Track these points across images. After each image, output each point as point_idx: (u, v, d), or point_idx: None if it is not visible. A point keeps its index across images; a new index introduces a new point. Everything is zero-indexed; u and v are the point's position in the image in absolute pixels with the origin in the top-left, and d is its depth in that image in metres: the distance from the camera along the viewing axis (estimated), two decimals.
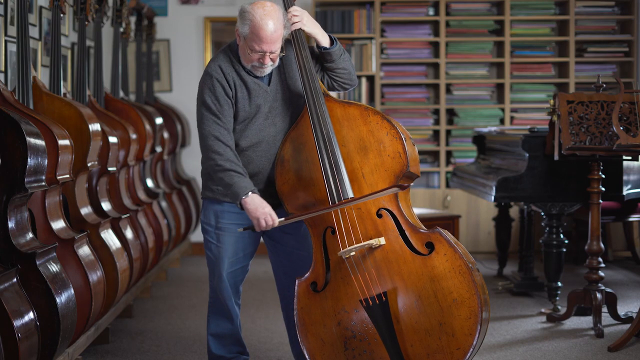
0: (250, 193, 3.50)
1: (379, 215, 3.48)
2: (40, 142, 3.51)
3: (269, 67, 3.58)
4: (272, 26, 3.46)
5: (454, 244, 3.39)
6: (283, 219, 3.51)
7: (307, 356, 3.55)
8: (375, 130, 3.52)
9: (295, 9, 3.64)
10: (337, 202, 3.48)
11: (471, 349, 3.31)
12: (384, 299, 3.42)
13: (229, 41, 3.72)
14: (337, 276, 3.52)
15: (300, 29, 3.63)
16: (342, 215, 3.50)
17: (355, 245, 3.45)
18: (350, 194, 3.49)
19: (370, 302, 3.43)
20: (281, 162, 3.64)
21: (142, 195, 5.53)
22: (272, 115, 3.65)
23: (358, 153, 3.53)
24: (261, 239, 3.82)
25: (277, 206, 3.65)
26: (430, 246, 3.41)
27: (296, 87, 3.68)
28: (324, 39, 3.67)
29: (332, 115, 3.58)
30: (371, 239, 3.46)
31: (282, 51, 3.59)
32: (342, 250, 3.47)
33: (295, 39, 3.63)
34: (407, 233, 3.46)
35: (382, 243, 3.45)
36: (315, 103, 3.55)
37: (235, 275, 3.75)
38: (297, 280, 3.59)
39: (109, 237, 4.36)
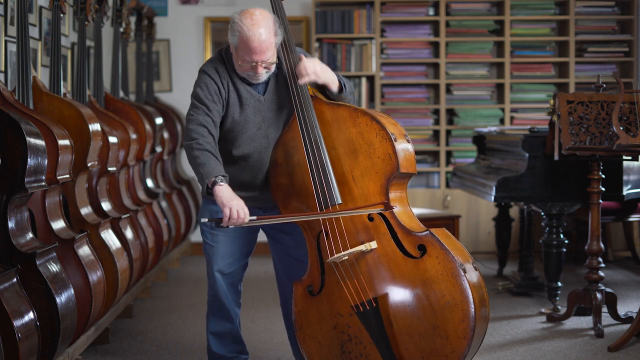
0: (225, 181, 3.38)
1: (371, 219, 3.44)
2: (40, 142, 3.51)
3: (264, 75, 3.53)
4: (261, 36, 3.39)
5: (445, 247, 3.33)
6: (255, 217, 3.41)
7: (305, 359, 3.55)
8: (365, 131, 3.46)
9: (305, 63, 3.51)
10: (324, 209, 3.45)
11: (465, 352, 3.29)
12: (374, 304, 3.39)
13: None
14: (332, 279, 3.50)
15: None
16: (332, 219, 3.46)
17: (345, 252, 3.41)
18: (339, 200, 3.45)
19: (362, 307, 3.41)
20: (274, 165, 3.60)
21: (142, 195, 5.53)
22: (265, 126, 3.60)
23: (348, 156, 3.48)
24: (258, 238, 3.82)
25: (268, 210, 3.67)
26: (422, 249, 3.36)
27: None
28: (334, 86, 3.60)
29: (321, 117, 3.52)
30: (363, 243, 3.42)
31: (277, 58, 3.52)
32: (331, 258, 3.44)
33: (283, 42, 3.56)
34: (399, 236, 3.41)
35: (373, 247, 3.41)
36: (302, 107, 3.51)
37: (233, 276, 3.74)
38: (293, 284, 3.58)
39: (109, 237, 4.36)
